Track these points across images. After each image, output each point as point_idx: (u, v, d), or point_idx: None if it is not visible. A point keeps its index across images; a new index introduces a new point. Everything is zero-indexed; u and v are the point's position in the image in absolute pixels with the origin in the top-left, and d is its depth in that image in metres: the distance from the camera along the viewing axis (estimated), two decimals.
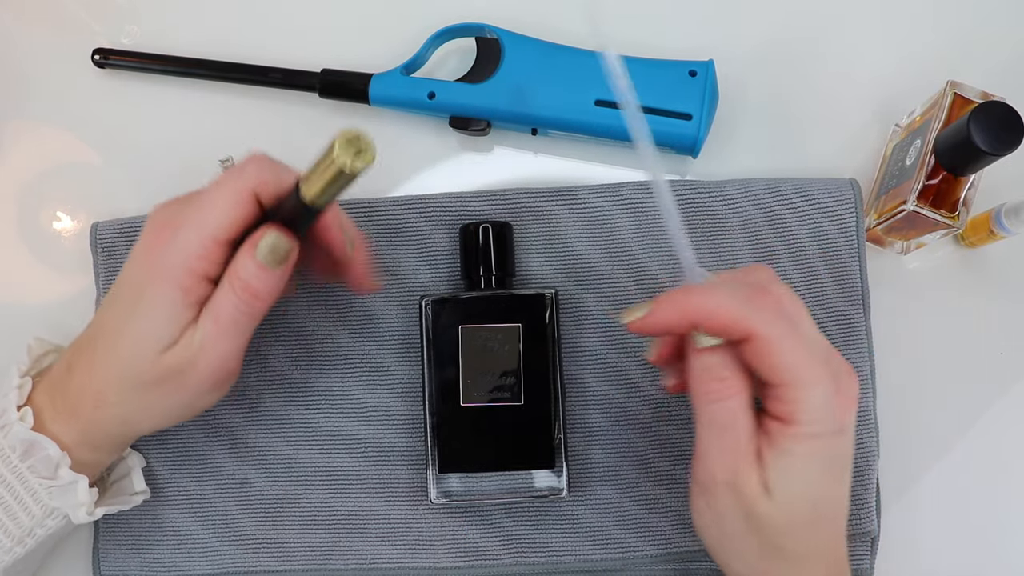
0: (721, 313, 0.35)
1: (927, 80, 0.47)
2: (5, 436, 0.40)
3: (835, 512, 0.38)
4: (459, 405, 0.43)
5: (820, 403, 0.35)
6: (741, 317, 0.35)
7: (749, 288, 0.36)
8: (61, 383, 0.41)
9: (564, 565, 0.46)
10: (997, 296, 0.49)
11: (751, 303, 0.35)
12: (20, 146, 0.52)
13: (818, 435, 0.35)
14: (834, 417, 0.36)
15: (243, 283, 0.38)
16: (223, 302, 0.38)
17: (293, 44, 0.52)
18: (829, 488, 0.37)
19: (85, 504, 0.41)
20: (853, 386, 0.37)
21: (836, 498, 0.38)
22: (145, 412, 0.41)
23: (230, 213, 0.38)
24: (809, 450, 0.35)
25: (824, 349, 0.37)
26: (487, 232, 0.45)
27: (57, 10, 0.53)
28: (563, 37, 0.49)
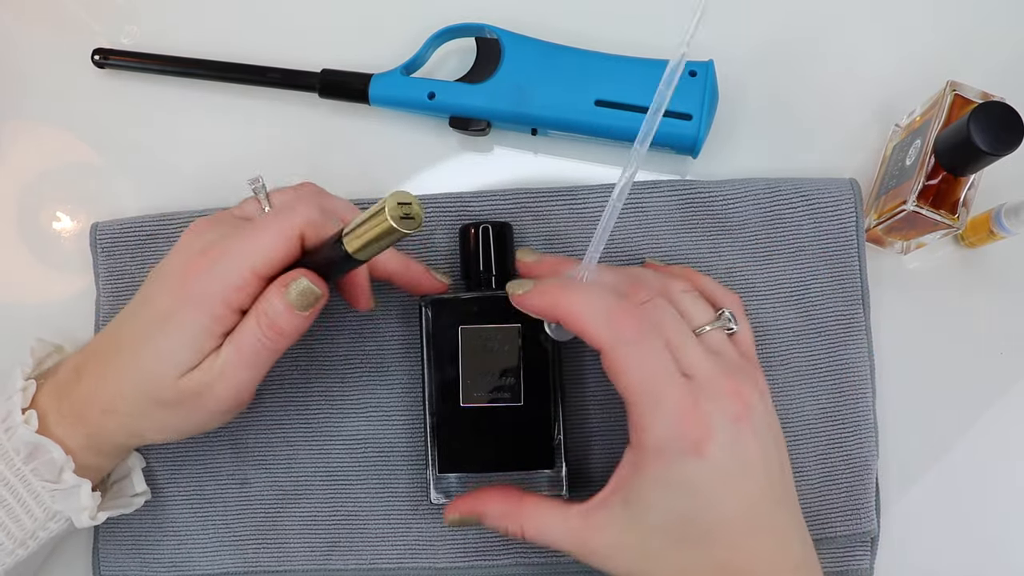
0: (579, 319, 0.37)
1: (927, 80, 0.47)
2: (9, 439, 0.40)
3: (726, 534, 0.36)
4: (459, 405, 0.43)
5: (662, 426, 0.35)
6: (595, 329, 0.36)
7: (620, 297, 0.37)
8: (68, 387, 0.41)
9: (564, 565, 0.46)
10: (997, 296, 0.49)
11: (609, 315, 0.37)
12: (20, 146, 0.52)
13: (665, 459, 0.36)
14: (682, 441, 0.35)
15: (269, 320, 0.38)
16: (247, 334, 0.39)
17: (293, 44, 0.52)
18: (700, 513, 0.36)
19: (88, 508, 0.41)
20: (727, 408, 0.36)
21: (718, 522, 0.36)
22: (154, 427, 0.41)
23: (276, 251, 0.38)
24: (659, 474, 0.36)
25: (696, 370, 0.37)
26: (487, 232, 0.45)
27: (57, 10, 0.53)
28: (563, 37, 0.49)
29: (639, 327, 0.37)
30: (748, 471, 0.37)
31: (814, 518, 0.46)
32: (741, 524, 0.36)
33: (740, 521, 0.36)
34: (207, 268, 0.38)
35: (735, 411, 0.36)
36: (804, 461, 0.46)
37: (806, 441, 0.46)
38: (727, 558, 0.36)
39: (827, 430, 0.46)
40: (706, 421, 0.36)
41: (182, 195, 0.50)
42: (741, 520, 0.36)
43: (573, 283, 0.39)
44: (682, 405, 0.36)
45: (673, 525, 0.36)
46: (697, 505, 0.36)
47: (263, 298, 0.39)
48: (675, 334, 0.38)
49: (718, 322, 0.40)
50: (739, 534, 0.36)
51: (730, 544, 0.36)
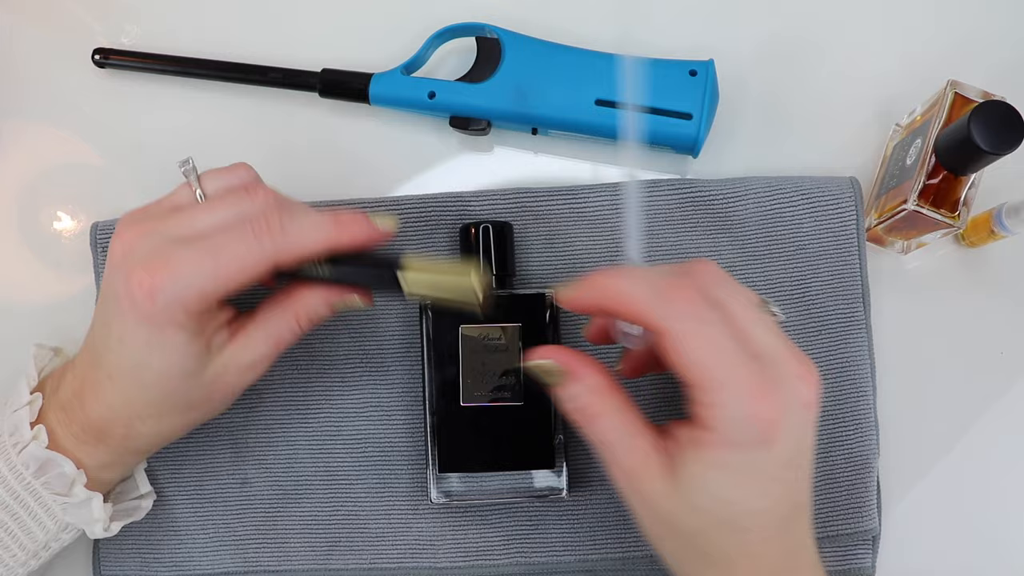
0: (631, 302, 0.34)
1: (927, 79, 0.47)
2: (18, 453, 0.40)
3: (762, 526, 0.34)
4: (459, 405, 0.43)
5: (733, 408, 0.33)
6: (649, 309, 0.34)
7: (670, 279, 0.35)
8: (73, 412, 0.40)
9: (564, 565, 0.46)
10: (997, 296, 0.49)
11: (663, 295, 0.34)
12: (20, 146, 0.52)
13: (732, 443, 0.33)
14: (753, 425, 0.33)
15: (310, 319, 0.40)
16: (285, 332, 0.40)
17: (293, 44, 0.52)
18: (750, 501, 0.34)
19: (101, 520, 0.41)
20: (799, 392, 0.34)
21: (760, 512, 0.34)
22: (180, 427, 0.42)
23: (244, 280, 0.37)
24: (722, 460, 0.33)
25: (763, 348, 0.34)
26: (487, 232, 0.45)
27: (57, 10, 0.53)
28: (563, 37, 0.49)
29: (695, 301, 0.34)
30: (802, 461, 0.35)
31: (815, 517, 0.45)
32: (779, 515, 0.35)
33: (780, 511, 0.35)
34: (160, 289, 0.36)
35: (807, 396, 0.34)
36: None
37: None
38: (758, 551, 0.35)
39: (828, 429, 0.46)
40: (779, 405, 0.33)
41: None
42: (782, 510, 0.35)
43: (619, 270, 0.36)
44: (755, 386, 0.33)
45: (717, 508, 0.34)
46: (749, 493, 0.34)
47: (306, 304, 0.40)
48: (740, 307, 0.35)
49: (765, 307, 0.37)
50: (774, 526, 0.35)
51: (764, 536, 0.35)
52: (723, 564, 0.35)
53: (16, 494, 0.40)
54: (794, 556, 0.36)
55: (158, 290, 0.36)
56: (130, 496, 0.45)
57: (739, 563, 0.35)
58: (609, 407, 0.36)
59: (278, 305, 0.40)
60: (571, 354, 0.37)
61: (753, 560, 0.35)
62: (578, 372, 0.36)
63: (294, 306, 0.40)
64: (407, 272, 0.37)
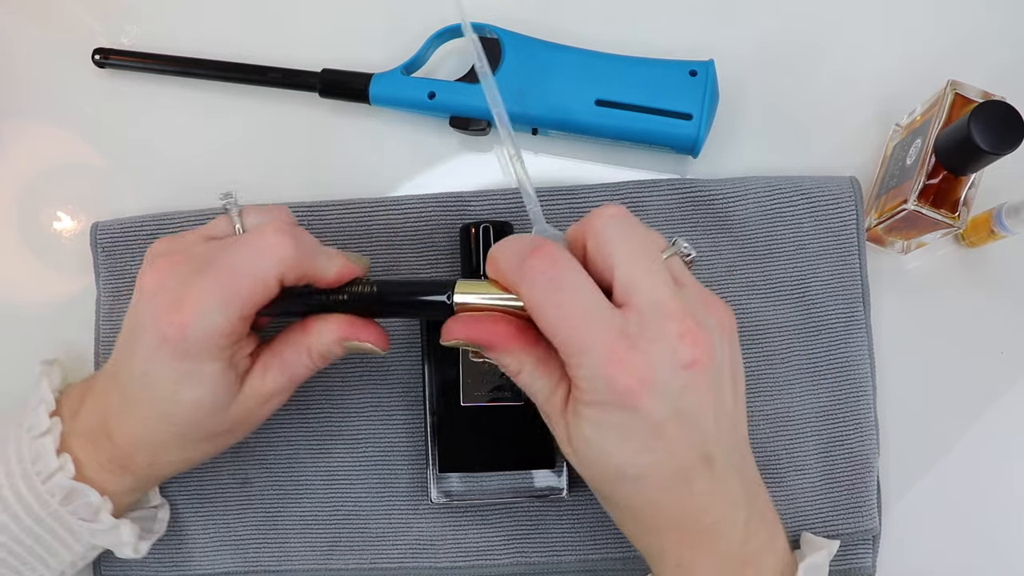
0: (499, 271, 0.35)
1: (927, 79, 0.47)
2: (44, 483, 0.39)
3: (655, 476, 0.34)
4: (459, 405, 0.43)
5: (591, 372, 0.32)
6: (511, 278, 0.34)
7: (531, 245, 0.34)
8: (99, 440, 0.40)
9: (564, 565, 0.46)
10: (997, 296, 0.49)
11: (520, 267, 0.34)
12: (20, 146, 0.52)
13: (596, 404, 0.33)
14: (609, 388, 0.32)
15: (323, 356, 0.40)
16: (299, 365, 0.40)
17: (293, 44, 0.52)
18: (632, 456, 0.33)
19: (130, 543, 0.41)
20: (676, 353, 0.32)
21: (647, 464, 0.33)
22: (203, 456, 0.42)
23: (256, 296, 0.37)
24: (593, 417, 0.33)
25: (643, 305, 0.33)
26: (487, 232, 0.45)
27: (57, 10, 0.53)
28: (563, 37, 0.49)
29: (553, 264, 0.33)
30: (692, 421, 0.33)
31: (816, 516, 0.46)
32: (673, 467, 0.34)
33: (672, 463, 0.34)
34: (189, 325, 0.36)
35: (687, 356, 0.33)
36: (805, 459, 0.46)
37: (807, 439, 0.46)
38: (658, 498, 0.35)
39: (828, 428, 0.46)
40: (641, 369, 0.32)
41: (182, 195, 0.50)
42: (673, 463, 0.34)
43: (506, 239, 0.36)
44: (616, 349, 0.32)
45: (602, 460, 0.34)
46: (628, 448, 0.33)
47: (318, 340, 0.39)
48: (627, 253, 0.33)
49: (673, 248, 0.36)
50: (670, 477, 0.34)
51: (661, 485, 0.34)
52: (625, 508, 0.36)
53: (42, 521, 0.40)
54: (705, 511, 0.35)
55: (188, 327, 0.36)
56: (144, 507, 0.45)
57: (641, 509, 0.35)
58: (527, 366, 0.36)
59: (292, 337, 0.40)
60: (474, 325, 0.36)
61: (655, 506, 0.35)
62: (483, 341, 0.36)
63: (307, 340, 0.40)
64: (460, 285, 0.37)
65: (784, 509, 0.46)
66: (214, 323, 0.37)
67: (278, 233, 0.38)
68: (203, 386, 0.38)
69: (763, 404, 0.46)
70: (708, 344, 0.33)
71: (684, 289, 0.35)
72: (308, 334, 0.40)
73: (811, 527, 0.45)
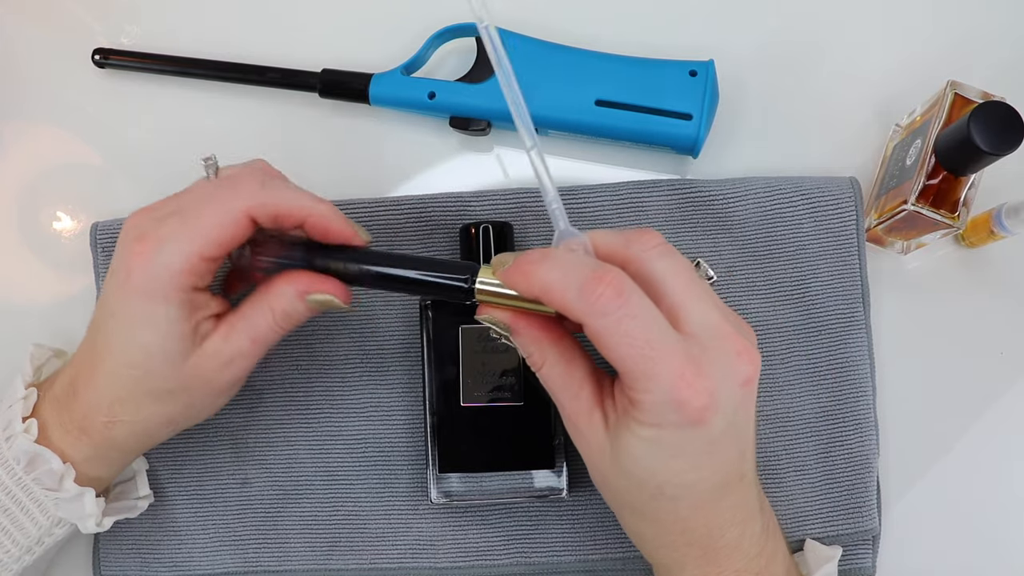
0: (553, 295, 0.34)
1: (927, 80, 0.47)
2: (10, 448, 0.40)
3: (693, 496, 0.35)
4: (459, 405, 0.43)
5: (659, 395, 0.33)
6: (570, 303, 0.33)
7: (593, 270, 0.33)
8: (67, 401, 0.41)
9: (564, 565, 0.46)
10: (997, 296, 0.49)
11: (583, 290, 0.33)
12: (20, 146, 0.52)
13: (658, 425, 0.33)
14: (681, 411, 0.33)
15: (286, 314, 0.39)
16: (261, 325, 0.39)
17: (293, 44, 0.52)
18: (679, 475, 0.34)
19: (93, 515, 0.41)
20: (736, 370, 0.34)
21: (690, 484, 0.35)
22: (161, 422, 0.41)
23: (221, 233, 0.37)
24: (649, 436, 0.33)
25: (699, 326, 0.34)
26: (487, 232, 0.45)
27: (57, 10, 0.53)
28: (563, 37, 0.49)
29: (617, 295, 0.33)
30: (739, 437, 0.35)
31: (816, 517, 0.46)
32: (711, 485, 0.35)
33: (712, 482, 0.35)
34: (152, 255, 0.37)
35: (745, 374, 0.34)
36: (805, 460, 0.46)
37: (807, 440, 0.46)
38: (688, 516, 0.35)
39: (828, 429, 0.46)
40: (710, 388, 0.33)
41: None
42: (713, 481, 0.35)
43: (549, 254, 0.35)
44: (685, 372, 0.32)
45: (646, 476, 0.35)
46: (678, 467, 0.34)
47: (280, 295, 0.39)
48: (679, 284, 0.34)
49: (699, 271, 0.37)
50: (706, 496, 0.35)
51: (694, 504, 0.35)
52: (653, 522, 0.36)
53: (8, 489, 0.40)
54: (729, 526, 0.36)
55: (150, 258, 0.37)
56: (129, 497, 0.45)
57: (670, 525, 0.36)
58: (551, 358, 0.36)
59: (257, 297, 0.40)
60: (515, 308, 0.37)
61: (683, 523, 0.36)
62: (516, 326, 0.36)
63: (269, 298, 0.39)
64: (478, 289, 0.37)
65: (784, 509, 0.46)
66: (176, 256, 0.37)
67: (245, 170, 0.39)
68: (157, 330, 0.38)
69: (763, 404, 0.46)
70: (758, 361, 0.35)
71: (723, 312, 0.36)
72: (270, 292, 0.39)
73: (811, 527, 0.45)
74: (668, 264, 0.35)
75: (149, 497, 0.46)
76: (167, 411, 0.40)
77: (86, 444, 0.40)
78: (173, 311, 0.38)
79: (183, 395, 0.40)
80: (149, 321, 0.38)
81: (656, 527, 0.37)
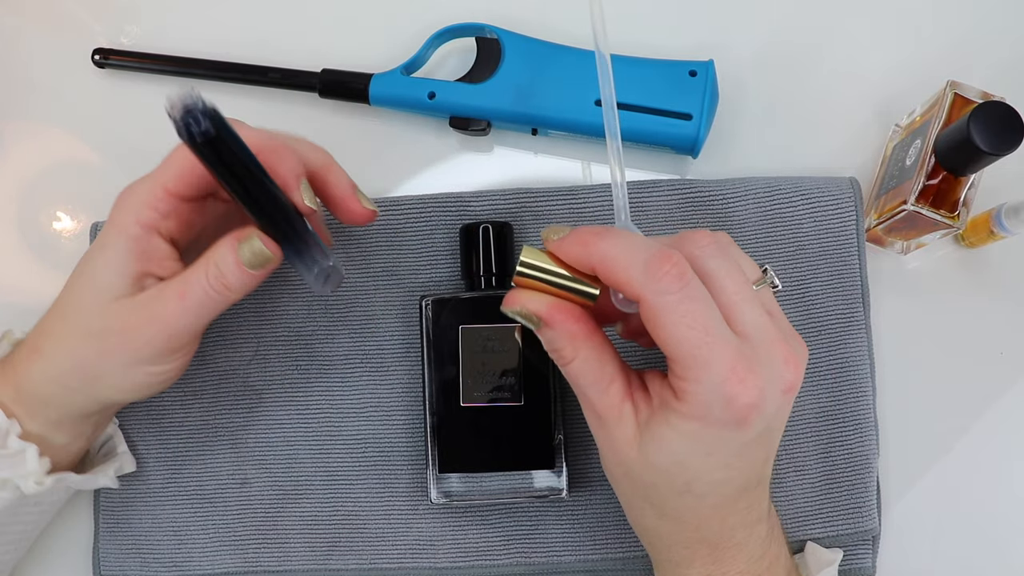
0: (615, 268, 0.33)
1: (927, 80, 0.47)
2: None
3: (718, 495, 0.35)
4: (459, 405, 0.43)
5: (709, 387, 0.32)
6: (631, 278, 0.33)
7: (660, 248, 0.33)
8: (13, 355, 0.41)
9: (564, 565, 0.46)
10: (997, 296, 0.49)
11: (648, 266, 0.33)
12: (20, 146, 0.52)
13: (702, 419, 0.33)
14: (728, 407, 0.32)
15: (219, 273, 0.38)
16: (194, 284, 0.38)
17: (293, 44, 0.52)
18: (710, 472, 0.34)
19: (34, 473, 0.40)
20: (782, 376, 0.34)
21: (718, 482, 0.35)
22: (73, 363, 0.39)
23: (183, 164, 0.38)
24: (689, 430, 0.33)
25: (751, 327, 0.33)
26: (487, 232, 0.45)
27: (57, 10, 0.53)
28: (563, 37, 0.49)
29: (682, 274, 0.32)
30: (770, 441, 0.36)
31: (816, 517, 0.46)
32: (736, 486, 0.35)
33: (738, 483, 0.35)
34: (125, 195, 0.39)
35: (789, 380, 0.34)
36: (805, 460, 0.46)
37: (807, 440, 0.46)
38: (708, 515, 0.36)
39: (828, 429, 0.46)
40: (758, 389, 0.32)
41: None
42: (739, 482, 0.35)
43: (612, 229, 0.35)
44: (737, 367, 0.32)
45: (676, 471, 0.34)
46: (710, 464, 0.34)
47: (214, 250, 0.38)
48: (733, 284, 0.34)
49: (766, 279, 0.36)
50: (729, 496, 0.35)
51: (716, 503, 0.35)
52: (673, 519, 0.36)
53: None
54: (740, 527, 0.36)
55: (125, 193, 0.39)
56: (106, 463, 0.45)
57: (688, 522, 0.36)
58: (582, 352, 0.35)
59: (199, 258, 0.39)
60: (546, 302, 0.36)
61: (701, 521, 0.36)
62: (552, 320, 0.35)
63: (203, 260, 0.38)
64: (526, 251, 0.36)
65: (784, 509, 0.46)
66: (142, 186, 0.39)
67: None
68: (105, 257, 0.39)
69: None
70: (801, 371, 0.35)
71: (776, 319, 0.35)
72: (210, 250, 0.38)
73: (811, 527, 0.45)
74: (721, 263, 0.35)
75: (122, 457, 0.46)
76: (81, 353, 0.39)
77: (10, 383, 0.40)
78: (124, 244, 0.38)
79: (98, 340, 0.39)
80: (103, 248, 0.39)
81: (675, 524, 0.36)
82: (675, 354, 0.33)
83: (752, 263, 0.36)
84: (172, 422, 0.48)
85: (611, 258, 0.34)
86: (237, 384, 0.48)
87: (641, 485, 0.36)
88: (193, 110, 0.33)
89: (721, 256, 0.35)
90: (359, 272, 0.48)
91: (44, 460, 0.41)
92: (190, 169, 0.38)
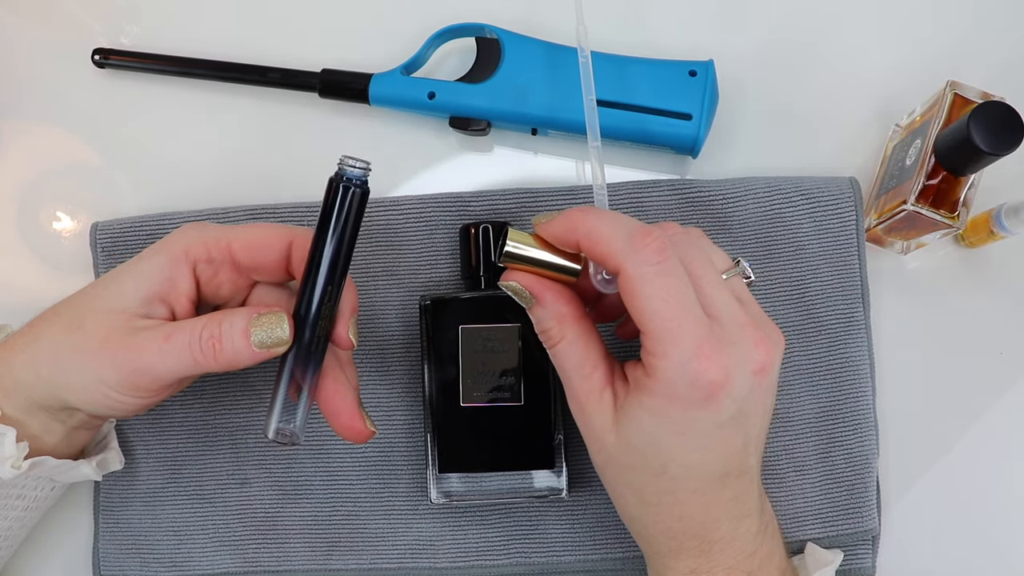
0: (600, 239, 0.34)
1: (927, 80, 0.47)
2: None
3: (694, 478, 0.35)
4: (459, 405, 0.43)
5: (678, 361, 0.33)
6: (615, 249, 0.34)
7: (642, 225, 0.35)
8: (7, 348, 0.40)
9: (564, 565, 0.46)
10: (997, 296, 0.49)
11: (631, 238, 0.34)
12: (20, 146, 0.52)
13: (668, 396, 0.33)
14: (696, 383, 0.33)
15: (218, 334, 0.37)
16: (184, 332, 0.37)
17: (293, 44, 0.52)
18: (684, 454, 0.35)
19: (11, 457, 0.39)
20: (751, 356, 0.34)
21: (693, 465, 0.35)
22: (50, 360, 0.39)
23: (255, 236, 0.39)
24: (657, 407, 0.34)
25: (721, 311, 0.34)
26: (487, 232, 0.45)
27: (57, 10, 0.53)
28: (563, 37, 0.49)
29: (662, 250, 0.33)
30: (746, 426, 0.35)
31: (815, 517, 0.46)
32: (714, 471, 0.35)
33: (715, 467, 0.35)
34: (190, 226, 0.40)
35: (759, 362, 0.34)
36: (805, 460, 0.46)
37: (807, 440, 0.46)
38: (687, 500, 0.36)
39: (828, 429, 0.46)
40: (726, 367, 0.33)
41: (182, 195, 0.50)
42: (717, 466, 0.35)
43: (597, 209, 0.37)
44: (704, 345, 0.33)
45: (651, 451, 0.35)
46: (684, 445, 0.34)
47: (227, 311, 0.38)
48: (702, 269, 0.35)
49: (737, 269, 0.37)
50: (707, 481, 0.35)
51: (694, 487, 0.35)
52: (653, 505, 0.36)
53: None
54: (726, 519, 0.36)
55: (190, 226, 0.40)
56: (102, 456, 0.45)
57: (669, 508, 0.36)
58: (569, 335, 0.36)
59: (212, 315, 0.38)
60: (541, 280, 0.37)
61: (683, 509, 0.36)
62: (543, 297, 0.37)
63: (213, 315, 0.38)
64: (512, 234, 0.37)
65: (784, 509, 0.46)
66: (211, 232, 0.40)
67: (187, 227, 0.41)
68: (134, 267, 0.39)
69: None
70: (773, 354, 0.35)
71: (747, 306, 0.36)
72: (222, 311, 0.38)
73: (811, 527, 0.45)
74: (688, 251, 0.36)
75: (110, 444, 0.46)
76: (59, 341, 0.38)
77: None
78: (160, 260, 0.39)
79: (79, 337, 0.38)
80: (140, 258, 0.39)
81: (655, 511, 0.37)
82: (648, 327, 0.33)
83: (723, 254, 0.37)
84: (172, 422, 0.48)
85: (596, 230, 0.35)
86: (237, 384, 0.48)
87: (621, 469, 0.37)
88: (356, 166, 0.38)
89: (690, 245, 0.36)
90: (359, 272, 0.48)
91: (22, 445, 0.39)
92: (259, 245, 0.39)
